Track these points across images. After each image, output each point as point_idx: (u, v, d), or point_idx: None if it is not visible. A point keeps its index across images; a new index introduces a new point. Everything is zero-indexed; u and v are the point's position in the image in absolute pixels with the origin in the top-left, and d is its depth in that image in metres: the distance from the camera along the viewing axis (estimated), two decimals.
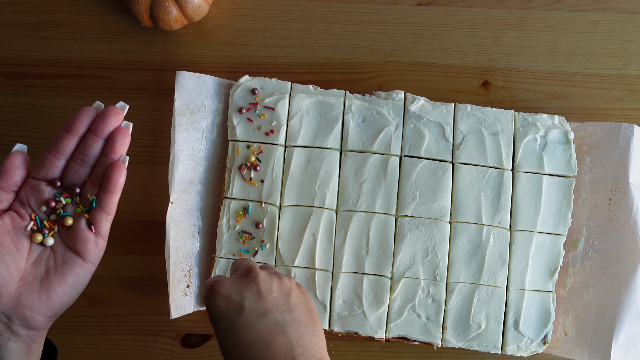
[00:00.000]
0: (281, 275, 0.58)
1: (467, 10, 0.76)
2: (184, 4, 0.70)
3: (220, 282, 0.56)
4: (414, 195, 0.69)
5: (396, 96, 0.71)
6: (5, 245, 0.53)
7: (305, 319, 0.56)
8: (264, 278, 0.56)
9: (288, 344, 0.53)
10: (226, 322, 0.54)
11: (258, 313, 0.54)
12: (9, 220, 0.55)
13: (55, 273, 0.55)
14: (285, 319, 0.54)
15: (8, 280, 0.53)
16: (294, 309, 0.55)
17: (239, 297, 0.54)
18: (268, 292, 0.55)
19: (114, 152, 0.56)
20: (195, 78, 0.71)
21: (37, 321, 0.54)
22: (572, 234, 0.70)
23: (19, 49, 0.76)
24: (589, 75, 0.75)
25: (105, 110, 0.56)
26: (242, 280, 0.56)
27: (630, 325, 0.66)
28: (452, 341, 0.68)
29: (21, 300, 0.53)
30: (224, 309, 0.54)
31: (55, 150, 0.56)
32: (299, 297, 0.57)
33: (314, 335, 0.55)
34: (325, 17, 0.76)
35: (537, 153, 0.70)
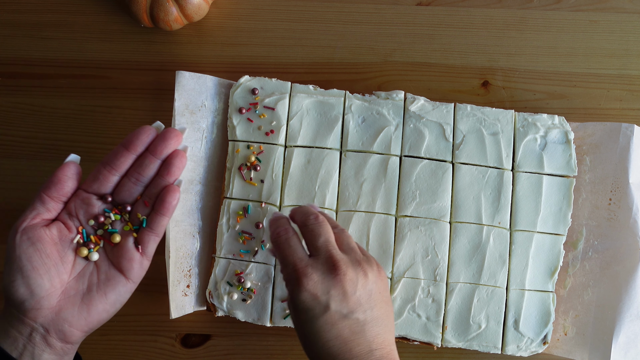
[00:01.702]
0: (365, 268, 0.56)
1: (467, 10, 0.76)
2: (184, 4, 0.70)
3: (307, 277, 0.54)
4: (414, 195, 0.69)
5: (396, 96, 0.71)
6: (50, 257, 0.53)
7: (383, 316, 0.56)
8: (351, 277, 0.55)
9: (365, 341, 0.54)
10: (309, 316, 0.54)
11: (342, 314, 0.54)
12: (56, 231, 0.54)
13: (98, 289, 0.54)
14: (367, 317, 0.55)
15: (51, 293, 0.52)
16: (373, 305, 0.56)
17: (325, 296, 0.54)
18: (353, 292, 0.55)
19: (170, 175, 0.56)
20: (195, 78, 0.71)
21: (73, 335, 0.53)
22: (572, 234, 0.70)
23: (19, 49, 0.76)
24: (589, 75, 0.75)
25: (165, 132, 0.56)
26: (329, 278, 0.55)
27: (630, 325, 0.66)
28: (452, 341, 0.68)
29: (61, 314, 0.53)
30: (309, 305, 0.54)
31: (111, 166, 0.55)
32: (380, 289, 0.57)
33: (387, 331, 0.56)
34: (325, 17, 0.76)
35: (537, 153, 0.70)
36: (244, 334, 0.72)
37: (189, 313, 0.70)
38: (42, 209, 0.54)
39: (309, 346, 0.55)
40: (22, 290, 0.52)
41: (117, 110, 0.75)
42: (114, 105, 0.75)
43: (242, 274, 0.68)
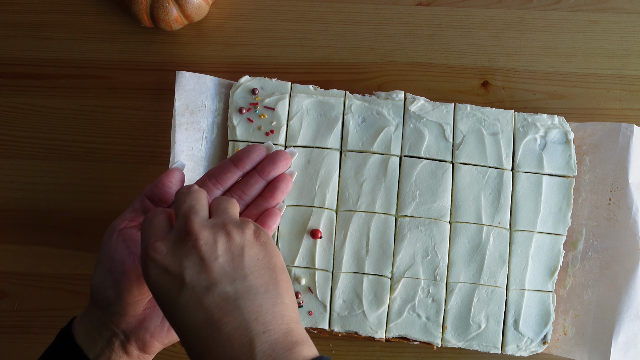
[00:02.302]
0: (230, 228, 0.47)
1: (467, 10, 0.76)
2: (184, 4, 0.70)
3: (154, 249, 0.46)
4: (413, 195, 0.69)
5: (396, 96, 0.71)
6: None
7: (265, 284, 0.45)
8: (207, 240, 0.45)
9: (243, 322, 0.43)
10: (168, 301, 0.45)
11: (203, 287, 0.44)
12: None
13: None
14: (237, 289, 0.44)
15: (138, 300, 0.51)
16: (248, 273, 0.45)
17: (177, 268, 0.45)
18: (213, 257, 0.45)
19: (274, 198, 0.54)
20: (195, 78, 0.71)
21: (153, 346, 0.52)
22: (571, 234, 0.70)
23: (19, 49, 0.76)
24: (589, 76, 0.75)
25: (275, 154, 0.55)
26: (179, 246, 0.45)
27: (630, 325, 0.66)
28: (452, 341, 0.68)
29: (144, 323, 0.51)
30: (163, 285, 0.45)
31: (216, 179, 0.54)
32: (256, 254, 0.47)
33: (277, 303, 0.45)
34: (325, 17, 0.76)
35: (537, 153, 0.70)
36: None
37: None
38: (141, 212, 0.53)
39: (186, 346, 0.45)
40: (111, 292, 0.50)
41: (117, 110, 0.75)
42: (114, 105, 0.75)
43: None
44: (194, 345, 0.44)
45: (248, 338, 0.43)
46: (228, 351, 0.43)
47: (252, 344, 0.42)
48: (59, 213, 0.73)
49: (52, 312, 0.72)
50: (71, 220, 0.73)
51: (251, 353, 0.42)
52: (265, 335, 0.43)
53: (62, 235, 0.73)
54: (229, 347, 0.43)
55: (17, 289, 0.72)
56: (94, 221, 0.73)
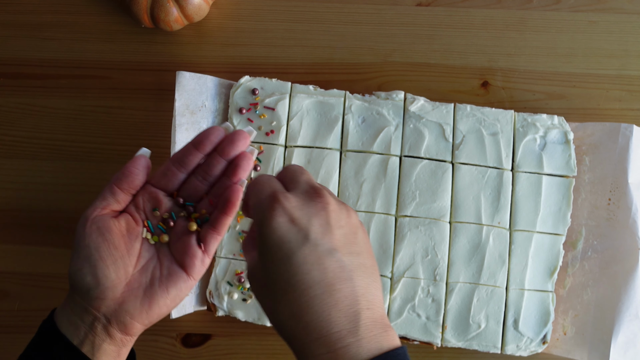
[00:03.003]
0: (349, 208, 0.49)
1: (467, 10, 0.76)
2: (184, 5, 0.71)
3: (284, 198, 0.46)
4: (413, 195, 0.70)
5: (396, 96, 0.71)
6: (118, 248, 0.53)
7: (370, 267, 0.47)
8: (335, 208, 0.47)
9: (353, 293, 0.44)
10: (284, 251, 0.45)
11: (325, 249, 0.45)
12: (124, 223, 0.54)
13: (160, 284, 0.54)
14: (352, 262, 0.45)
15: (116, 284, 0.53)
16: (360, 251, 0.47)
17: (305, 222, 0.45)
18: (337, 225, 0.46)
19: (236, 176, 0.55)
20: (195, 78, 0.71)
21: (134, 328, 0.54)
22: (571, 234, 0.70)
23: (19, 49, 0.76)
24: (588, 76, 0.75)
25: (234, 134, 0.56)
26: (310, 202, 0.47)
27: (629, 325, 0.66)
28: (452, 341, 0.68)
29: (124, 306, 0.53)
30: (285, 234, 0.45)
31: (179, 164, 0.56)
32: (365, 238, 0.48)
33: (378, 287, 0.47)
34: (325, 18, 0.76)
35: (537, 153, 0.70)
36: (244, 334, 0.72)
37: (190, 313, 0.70)
38: (112, 200, 0.55)
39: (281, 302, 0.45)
40: (89, 279, 0.52)
41: (118, 111, 0.75)
42: (114, 105, 0.75)
43: (242, 274, 0.68)
44: (295, 302, 0.44)
45: (355, 309, 0.44)
46: (334, 316, 0.43)
47: (357, 316, 0.44)
48: (59, 213, 0.73)
49: None
50: (71, 220, 0.73)
51: (356, 324, 0.44)
52: (369, 312, 0.44)
53: (62, 235, 0.73)
54: (335, 312, 0.43)
55: (17, 289, 0.73)
56: None
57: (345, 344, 0.43)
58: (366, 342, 0.43)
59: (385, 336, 0.44)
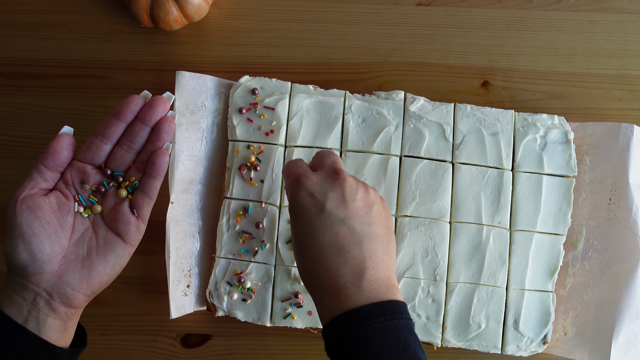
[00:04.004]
0: (367, 186, 0.58)
1: (467, 10, 0.76)
2: (184, 4, 0.70)
3: (307, 177, 0.56)
4: (413, 195, 0.69)
5: (396, 96, 0.71)
6: (50, 223, 0.55)
7: (382, 235, 0.55)
8: (351, 184, 0.56)
9: (360, 254, 0.53)
10: (305, 218, 0.55)
11: (338, 217, 0.54)
12: (55, 199, 0.56)
13: (97, 253, 0.56)
14: (363, 230, 0.54)
15: (52, 258, 0.54)
16: (373, 222, 0.55)
17: (322, 196, 0.55)
18: (352, 199, 0.55)
19: (160, 140, 0.58)
20: (195, 78, 0.71)
21: (76, 299, 0.55)
22: (571, 234, 0.70)
23: (19, 49, 0.76)
24: (589, 76, 0.75)
25: (153, 100, 0.58)
26: (328, 181, 0.56)
27: (630, 325, 0.66)
28: (452, 341, 0.68)
29: (63, 278, 0.55)
30: (306, 205, 0.55)
31: (103, 135, 0.58)
32: (380, 212, 0.57)
33: (386, 253, 0.55)
34: (325, 17, 0.76)
35: (537, 153, 0.70)
36: (244, 334, 0.72)
37: (189, 313, 0.70)
38: (39, 179, 0.56)
39: (303, 257, 0.55)
40: (24, 255, 0.54)
41: None
42: (114, 105, 0.74)
43: (242, 274, 0.68)
44: (312, 259, 0.54)
45: (360, 267, 0.52)
46: (342, 270, 0.52)
47: (362, 272, 0.52)
48: None
49: None
50: None
51: (360, 278, 0.52)
52: (373, 271, 0.53)
53: None
54: (343, 268, 0.52)
55: None
56: None
57: (349, 292, 0.52)
58: (367, 292, 0.52)
59: (387, 291, 0.52)
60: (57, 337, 0.55)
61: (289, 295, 0.68)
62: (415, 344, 0.51)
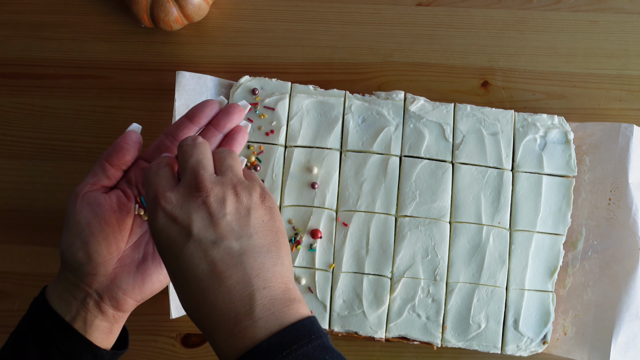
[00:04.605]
0: (239, 189, 0.48)
1: (467, 10, 0.76)
2: (184, 5, 0.71)
3: (165, 198, 0.47)
4: (413, 195, 0.69)
5: (396, 96, 0.71)
6: (109, 224, 0.52)
7: (268, 245, 0.47)
8: (217, 197, 0.47)
9: (245, 276, 0.45)
10: (172, 250, 0.46)
11: (209, 241, 0.46)
12: (115, 198, 0.54)
13: (153, 259, 0.54)
14: (242, 246, 0.46)
15: (108, 260, 0.52)
16: (253, 232, 0.47)
17: (185, 220, 0.46)
18: (221, 215, 0.46)
19: (232, 149, 0.55)
20: (195, 78, 0.71)
21: (127, 304, 0.53)
22: (571, 234, 0.70)
23: (19, 49, 0.76)
24: (589, 76, 0.75)
25: (229, 107, 0.56)
26: (189, 199, 0.47)
27: (629, 325, 0.66)
28: (452, 341, 0.68)
29: (116, 281, 0.52)
30: (169, 234, 0.46)
31: (174, 137, 0.55)
32: (262, 216, 0.48)
33: (277, 263, 0.47)
34: (325, 18, 0.76)
35: (537, 153, 0.70)
36: None
37: None
38: (102, 176, 0.54)
39: (183, 296, 0.47)
40: (80, 255, 0.52)
41: (118, 111, 0.75)
42: (114, 105, 0.75)
43: None
44: (193, 296, 0.46)
45: (249, 292, 0.45)
46: (228, 303, 0.44)
47: (252, 297, 0.45)
48: (59, 213, 0.73)
49: None
50: None
51: (251, 305, 0.44)
52: (265, 291, 0.45)
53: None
54: (229, 299, 0.45)
55: (17, 289, 0.73)
56: None
57: (242, 327, 0.44)
58: (263, 321, 0.44)
59: (286, 311, 0.45)
60: (101, 339, 0.53)
61: None
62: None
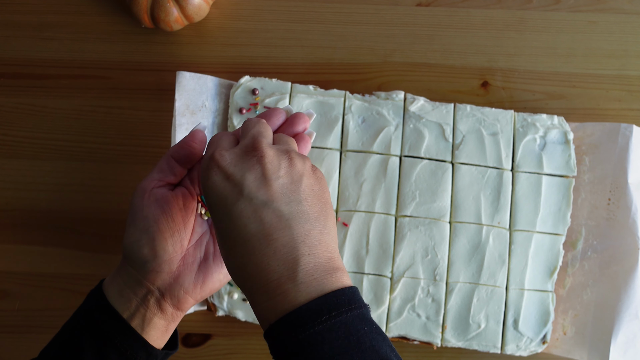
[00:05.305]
0: (293, 156, 0.49)
1: (467, 10, 0.76)
2: (184, 5, 0.71)
3: (220, 155, 0.48)
4: (413, 195, 0.70)
5: (396, 96, 0.71)
6: (176, 222, 0.52)
7: (316, 213, 0.47)
8: (272, 159, 0.47)
9: (291, 241, 0.45)
10: (222, 207, 0.47)
11: (260, 201, 0.46)
12: (181, 196, 0.53)
13: (214, 259, 0.54)
14: (292, 211, 0.46)
15: (173, 258, 0.52)
16: (303, 199, 0.47)
17: (239, 177, 0.46)
18: (275, 176, 0.47)
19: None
20: (195, 78, 0.71)
21: (187, 302, 0.53)
22: (571, 234, 0.70)
23: (19, 49, 0.76)
24: (588, 76, 0.75)
25: (294, 117, 0.56)
26: (245, 158, 0.48)
27: (629, 325, 0.66)
28: (452, 341, 0.68)
29: (179, 279, 0.52)
30: (221, 191, 0.47)
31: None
32: (312, 185, 0.49)
33: (324, 232, 0.47)
34: (325, 18, 0.76)
35: (537, 153, 0.70)
36: (244, 334, 0.72)
37: (190, 313, 0.70)
38: (169, 172, 0.54)
39: (228, 255, 0.47)
40: (146, 251, 0.51)
41: (118, 111, 0.75)
42: (114, 105, 0.75)
43: None
44: (238, 255, 0.46)
45: (294, 256, 0.45)
46: (272, 264, 0.45)
47: (296, 262, 0.45)
48: (59, 213, 0.73)
49: (52, 312, 0.72)
50: (71, 220, 0.73)
51: (294, 269, 0.44)
52: (309, 257, 0.45)
53: (62, 235, 0.73)
54: (274, 261, 0.45)
55: (17, 289, 0.73)
56: (94, 221, 0.73)
57: (284, 290, 0.44)
58: (305, 286, 0.44)
59: (328, 279, 0.45)
60: (157, 337, 0.53)
61: None
62: (371, 334, 0.44)
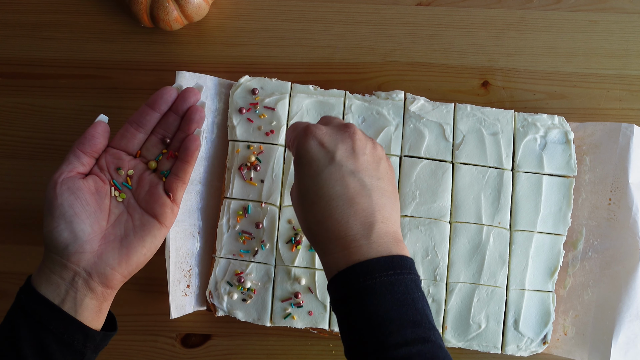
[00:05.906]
0: (375, 142, 0.57)
1: (467, 10, 0.76)
2: (184, 4, 0.70)
3: (317, 127, 0.56)
4: (414, 195, 0.69)
5: (396, 96, 0.71)
6: (90, 204, 0.57)
7: (390, 191, 0.55)
8: (361, 137, 0.56)
9: (370, 207, 0.53)
10: (313, 168, 0.54)
11: (348, 169, 0.53)
12: (92, 182, 0.58)
13: (134, 234, 0.58)
14: (372, 184, 0.54)
15: (92, 237, 0.56)
16: (381, 177, 0.55)
17: (332, 147, 0.54)
18: (362, 152, 0.55)
19: (190, 128, 0.61)
20: (195, 78, 0.71)
21: (114, 279, 0.57)
22: (572, 234, 0.70)
23: (19, 49, 0.76)
24: (589, 76, 0.75)
25: (184, 92, 0.61)
26: (338, 132, 0.56)
27: (630, 325, 0.66)
28: (452, 341, 0.68)
29: (103, 257, 0.56)
30: (315, 154, 0.54)
31: (137, 124, 0.61)
32: (387, 168, 0.57)
33: (394, 208, 0.55)
34: (325, 17, 0.76)
35: (537, 153, 0.70)
36: (244, 334, 0.72)
37: (189, 313, 0.70)
38: (77, 163, 0.58)
39: (311, 209, 0.54)
40: (66, 234, 0.55)
41: (117, 110, 0.75)
42: (114, 105, 0.75)
43: (242, 274, 0.68)
44: (320, 211, 0.53)
45: (370, 220, 0.52)
46: (352, 223, 0.52)
47: (372, 225, 0.52)
48: None
49: None
50: None
51: (369, 231, 0.52)
52: (382, 225, 0.52)
53: None
54: (353, 220, 0.52)
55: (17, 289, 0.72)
56: None
57: (358, 245, 0.51)
58: (376, 245, 0.51)
59: (395, 245, 0.52)
60: (91, 318, 0.56)
61: (289, 295, 0.68)
62: (422, 300, 0.50)
